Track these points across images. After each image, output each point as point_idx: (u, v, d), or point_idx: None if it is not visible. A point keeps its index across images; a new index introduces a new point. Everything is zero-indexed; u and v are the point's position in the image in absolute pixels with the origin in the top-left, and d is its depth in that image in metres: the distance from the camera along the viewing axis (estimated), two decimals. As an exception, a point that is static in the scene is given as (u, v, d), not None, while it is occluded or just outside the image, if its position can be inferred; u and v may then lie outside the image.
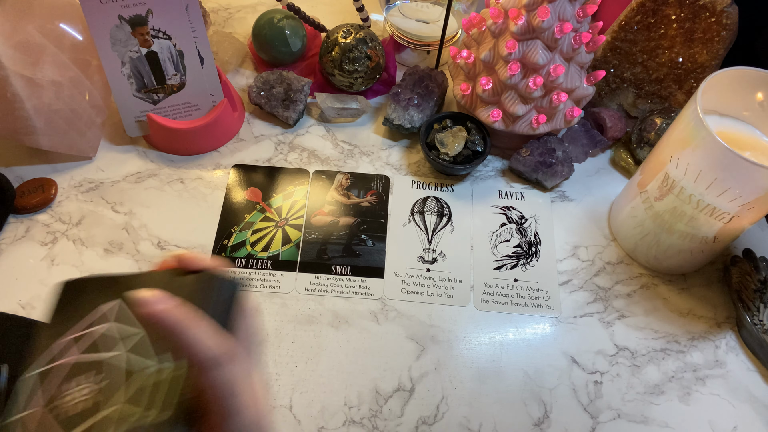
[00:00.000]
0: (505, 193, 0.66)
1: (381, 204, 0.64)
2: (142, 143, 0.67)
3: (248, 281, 0.58)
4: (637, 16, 0.65)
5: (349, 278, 0.59)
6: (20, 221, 0.61)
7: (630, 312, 0.58)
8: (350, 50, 0.67)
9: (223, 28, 0.81)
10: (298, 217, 0.63)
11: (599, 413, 0.52)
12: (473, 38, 0.64)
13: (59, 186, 0.63)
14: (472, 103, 0.65)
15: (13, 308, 0.54)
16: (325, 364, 0.53)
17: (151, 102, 0.63)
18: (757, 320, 0.55)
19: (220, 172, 0.66)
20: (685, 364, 0.55)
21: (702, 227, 0.53)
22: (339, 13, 0.83)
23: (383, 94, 0.74)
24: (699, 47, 0.65)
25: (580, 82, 0.62)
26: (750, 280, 0.57)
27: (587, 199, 0.66)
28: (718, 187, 0.48)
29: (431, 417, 0.51)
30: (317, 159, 0.68)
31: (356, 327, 0.56)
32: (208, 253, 0.60)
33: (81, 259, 0.58)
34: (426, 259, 0.61)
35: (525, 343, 0.56)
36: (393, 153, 0.69)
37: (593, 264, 0.61)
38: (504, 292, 0.59)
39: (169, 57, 0.61)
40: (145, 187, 0.64)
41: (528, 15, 0.56)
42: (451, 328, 0.56)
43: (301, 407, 0.51)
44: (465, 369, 0.54)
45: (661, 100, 0.70)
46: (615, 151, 0.70)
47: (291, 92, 0.68)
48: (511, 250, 0.62)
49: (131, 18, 0.57)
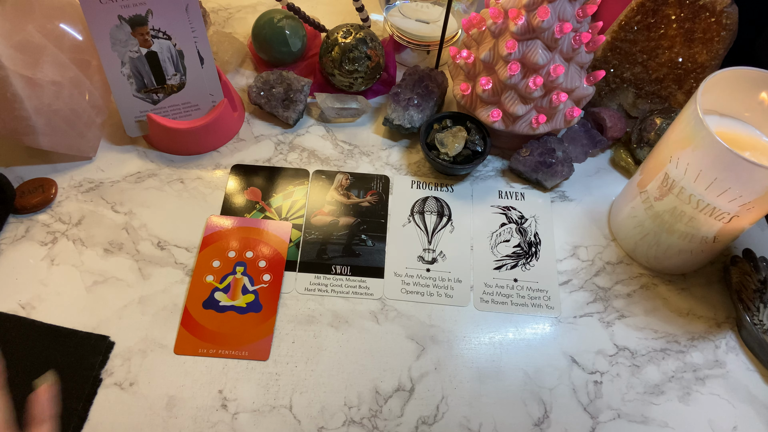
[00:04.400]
0: (505, 193, 0.66)
1: (381, 204, 0.64)
2: (142, 143, 0.67)
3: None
4: (637, 16, 0.65)
5: (349, 278, 0.59)
6: (20, 221, 0.61)
7: (630, 312, 0.58)
8: (350, 50, 0.67)
9: (223, 28, 0.81)
10: (298, 217, 0.63)
11: (599, 413, 0.52)
12: (473, 38, 0.64)
13: (59, 186, 0.63)
14: (472, 103, 0.65)
15: (13, 308, 0.54)
16: (325, 364, 0.53)
17: (151, 102, 0.63)
18: (757, 320, 0.55)
19: (220, 172, 0.66)
20: (685, 364, 0.55)
21: (702, 227, 0.53)
22: (339, 13, 0.83)
23: (383, 94, 0.74)
24: (699, 47, 0.65)
25: (580, 82, 0.62)
26: (750, 280, 0.57)
27: (587, 199, 0.66)
28: (718, 187, 0.48)
29: (431, 417, 0.51)
30: (317, 159, 0.68)
31: (356, 327, 0.56)
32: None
33: (81, 259, 0.58)
34: (426, 259, 0.61)
35: (525, 343, 0.56)
36: (393, 153, 0.69)
37: (593, 264, 0.61)
38: (504, 292, 0.59)
39: (169, 57, 0.61)
40: (145, 187, 0.64)
41: (528, 15, 0.56)
42: (451, 328, 0.56)
43: (301, 407, 0.51)
44: (465, 369, 0.54)
45: (661, 100, 0.70)
46: (615, 151, 0.70)
47: (291, 92, 0.68)
48: (511, 250, 0.62)
49: (131, 18, 0.57)
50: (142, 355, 0.53)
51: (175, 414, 0.50)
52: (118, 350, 0.53)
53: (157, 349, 0.53)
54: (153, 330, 0.54)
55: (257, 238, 0.60)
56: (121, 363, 0.52)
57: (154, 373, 0.52)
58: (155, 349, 0.53)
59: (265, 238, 0.60)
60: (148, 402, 0.50)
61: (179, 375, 0.52)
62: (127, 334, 0.54)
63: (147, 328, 0.54)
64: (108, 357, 0.52)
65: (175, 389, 0.51)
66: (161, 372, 0.52)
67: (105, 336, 0.53)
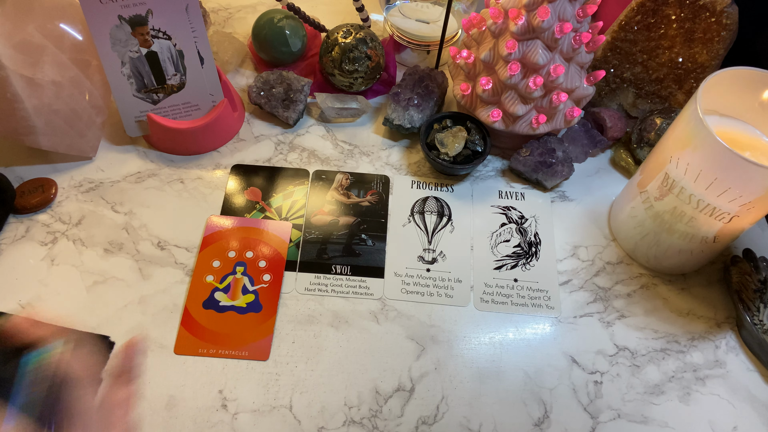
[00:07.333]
0: (505, 193, 0.66)
1: (381, 204, 0.64)
2: (142, 143, 0.67)
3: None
4: (637, 16, 0.65)
5: (349, 278, 0.59)
6: (20, 221, 0.61)
7: (630, 312, 0.58)
8: (350, 50, 0.67)
9: (223, 28, 0.81)
10: (298, 217, 0.63)
11: (599, 413, 0.52)
12: (473, 38, 0.64)
13: (59, 186, 0.63)
14: (472, 103, 0.65)
15: (13, 308, 0.54)
16: (325, 364, 0.53)
17: (151, 102, 0.63)
18: (757, 320, 0.55)
19: (220, 172, 0.66)
20: (685, 364, 0.55)
21: (702, 227, 0.53)
22: (339, 13, 0.83)
23: (383, 94, 0.74)
24: (699, 47, 0.65)
25: (580, 82, 0.62)
26: (750, 280, 0.57)
27: (587, 199, 0.66)
28: (718, 187, 0.48)
29: (431, 417, 0.51)
30: (317, 159, 0.68)
31: (356, 327, 0.56)
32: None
33: (81, 259, 0.58)
34: (426, 259, 0.61)
35: (525, 343, 0.56)
36: (393, 153, 0.69)
37: (593, 264, 0.61)
38: (504, 292, 0.59)
39: (169, 57, 0.61)
40: (145, 187, 0.64)
41: (528, 15, 0.56)
42: (451, 328, 0.56)
43: (301, 407, 0.51)
44: (465, 369, 0.54)
45: (661, 100, 0.70)
46: (615, 151, 0.70)
47: (291, 92, 0.68)
48: (511, 250, 0.62)
49: (131, 18, 0.57)
50: (142, 355, 0.52)
51: (175, 414, 0.50)
52: (118, 350, 0.53)
53: (157, 349, 0.53)
54: (153, 330, 0.54)
55: (257, 238, 0.60)
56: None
57: (154, 373, 0.52)
58: (155, 349, 0.53)
59: (265, 238, 0.60)
60: (148, 402, 0.50)
61: (179, 375, 0.52)
62: (127, 334, 0.54)
63: (147, 328, 0.54)
64: (108, 357, 0.52)
65: (175, 389, 0.51)
66: (161, 372, 0.52)
67: (105, 336, 0.53)
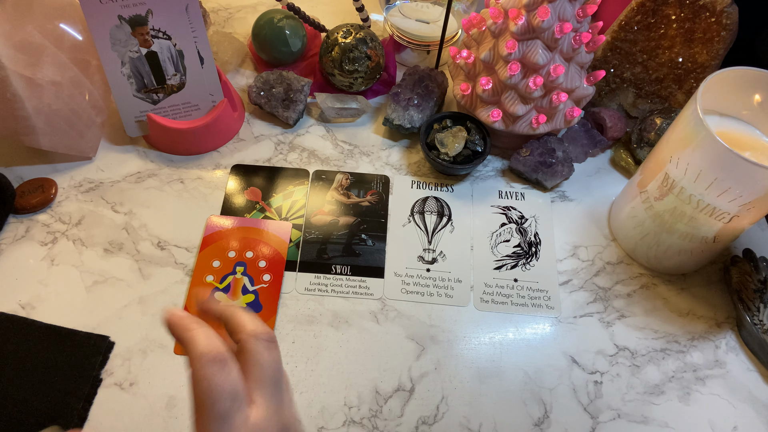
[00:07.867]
0: (505, 193, 0.66)
1: (381, 204, 0.64)
2: (142, 143, 0.67)
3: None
4: (637, 16, 0.65)
5: (349, 278, 0.59)
6: (20, 221, 0.61)
7: (630, 312, 0.58)
8: (350, 50, 0.67)
9: (223, 28, 0.81)
10: (298, 217, 0.63)
11: (599, 413, 0.52)
12: (473, 38, 0.64)
13: (59, 186, 0.63)
14: (472, 103, 0.65)
15: (13, 308, 0.54)
16: (325, 364, 0.53)
17: (151, 102, 0.63)
18: (757, 320, 0.55)
19: (220, 172, 0.66)
20: (685, 364, 0.55)
21: (702, 227, 0.53)
22: (339, 13, 0.83)
23: (383, 94, 0.74)
24: (699, 47, 0.65)
25: (580, 82, 0.62)
26: (750, 280, 0.57)
27: (587, 199, 0.66)
28: (718, 187, 0.48)
29: (431, 417, 0.51)
30: (317, 159, 0.68)
31: (356, 327, 0.56)
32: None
33: (81, 259, 0.58)
34: (426, 259, 0.61)
35: (525, 343, 0.56)
36: (393, 153, 0.69)
37: (593, 264, 0.61)
38: (504, 292, 0.59)
39: (169, 57, 0.61)
40: (145, 187, 0.64)
41: (528, 15, 0.56)
42: (451, 328, 0.56)
43: (301, 407, 0.51)
44: (465, 369, 0.54)
45: (661, 100, 0.70)
46: (615, 151, 0.70)
47: (291, 92, 0.68)
48: (511, 250, 0.62)
49: (131, 18, 0.57)
50: (142, 355, 0.53)
51: (175, 414, 0.50)
52: (118, 350, 0.53)
53: (157, 349, 0.53)
54: (153, 330, 0.54)
55: (257, 238, 0.60)
56: (121, 363, 0.52)
57: (154, 373, 0.52)
58: (155, 349, 0.53)
59: (265, 238, 0.60)
60: (148, 402, 0.50)
61: (179, 375, 0.52)
62: (127, 334, 0.54)
63: (147, 328, 0.54)
64: (108, 357, 0.52)
65: (175, 389, 0.51)
66: (161, 372, 0.52)
67: (105, 336, 0.53)
